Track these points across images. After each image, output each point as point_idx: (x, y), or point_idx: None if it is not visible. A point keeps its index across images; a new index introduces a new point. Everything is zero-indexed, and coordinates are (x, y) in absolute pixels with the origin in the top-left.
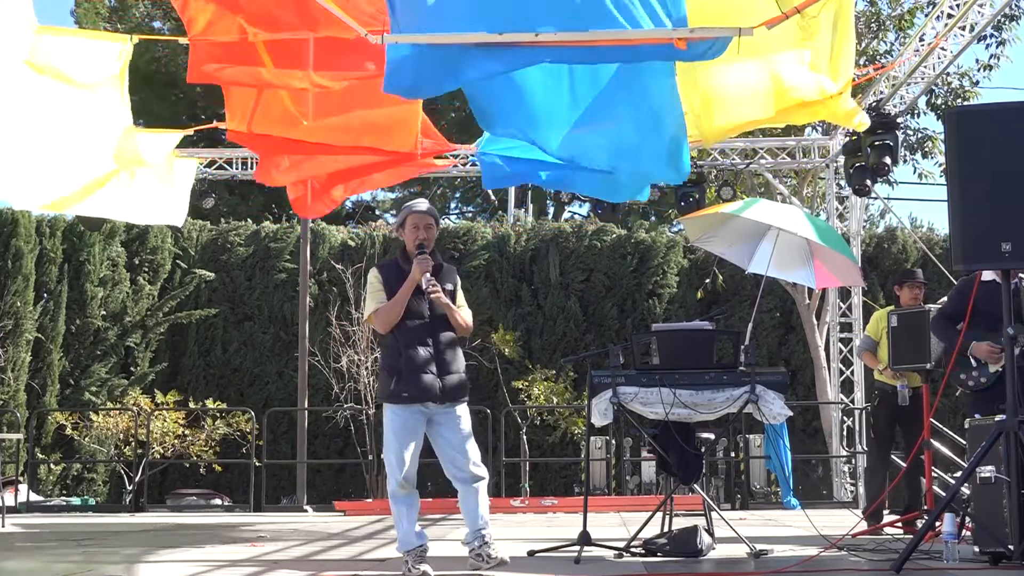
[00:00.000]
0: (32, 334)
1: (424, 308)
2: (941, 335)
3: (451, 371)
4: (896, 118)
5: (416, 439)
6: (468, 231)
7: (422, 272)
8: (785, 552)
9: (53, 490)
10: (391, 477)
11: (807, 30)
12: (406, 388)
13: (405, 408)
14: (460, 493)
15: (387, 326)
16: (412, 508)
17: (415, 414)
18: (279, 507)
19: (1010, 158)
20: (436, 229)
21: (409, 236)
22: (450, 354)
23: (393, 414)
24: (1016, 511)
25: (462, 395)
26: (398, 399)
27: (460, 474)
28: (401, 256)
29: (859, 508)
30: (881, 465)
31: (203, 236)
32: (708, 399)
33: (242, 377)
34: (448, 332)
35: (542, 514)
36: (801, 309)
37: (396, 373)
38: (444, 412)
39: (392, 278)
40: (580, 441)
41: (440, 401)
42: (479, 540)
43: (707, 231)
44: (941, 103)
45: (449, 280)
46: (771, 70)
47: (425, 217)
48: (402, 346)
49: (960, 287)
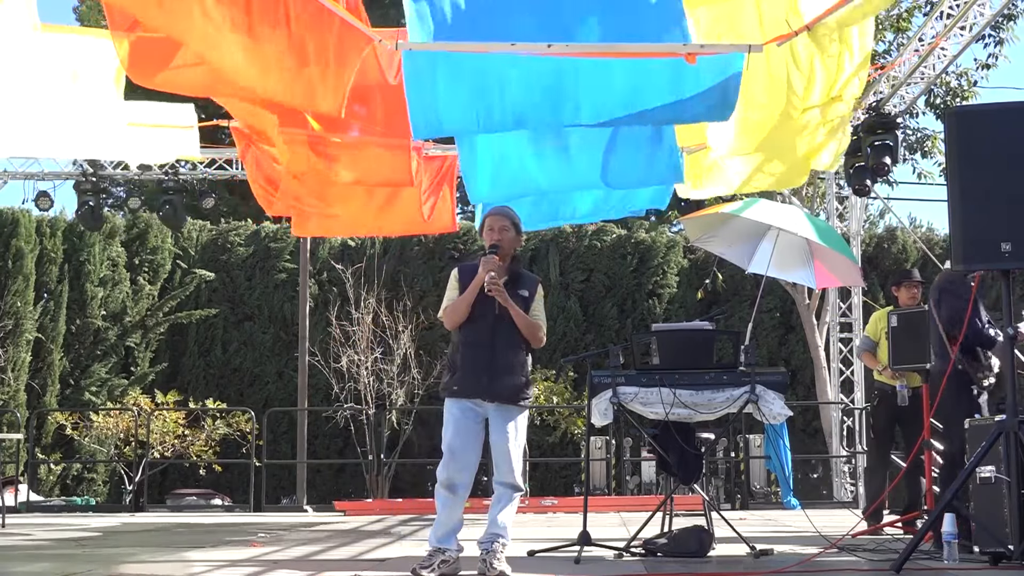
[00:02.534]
0: (32, 334)
1: (489, 309)
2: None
3: (506, 372)
4: (896, 118)
5: (467, 439)
6: (468, 231)
7: (486, 271)
8: (785, 552)
9: (53, 490)
10: (438, 472)
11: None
12: (457, 383)
13: (456, 402)
14: (495, 493)
15: (453, 324)
16: (446, 508)
17: (467, 411)
18: (279, 507)
19: (1010, 158)
20: (513, 231)
21: (486, 237)
22: (509, 355)
23: (447, 407)
24: (1016, 511)
25: (515, 398)
26: (449, 392)
27: (499, 478)
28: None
29: (859, 508)
30: (881, 465)
31: (203, 236)
32: (708, 399)
33: (242, 377)
34: (511, 334)
35: (542, 514)
36: (801, 309)
37: (453, 368)
38: (496, 413)
39: (468, 278)
40: (580, 441)
41: (490, 399)
42: (489, 544)
43: (707, 231)
44: (940, 103)
45: (526, 288)
46: None
47: (500, 219)
48: (463, 343)
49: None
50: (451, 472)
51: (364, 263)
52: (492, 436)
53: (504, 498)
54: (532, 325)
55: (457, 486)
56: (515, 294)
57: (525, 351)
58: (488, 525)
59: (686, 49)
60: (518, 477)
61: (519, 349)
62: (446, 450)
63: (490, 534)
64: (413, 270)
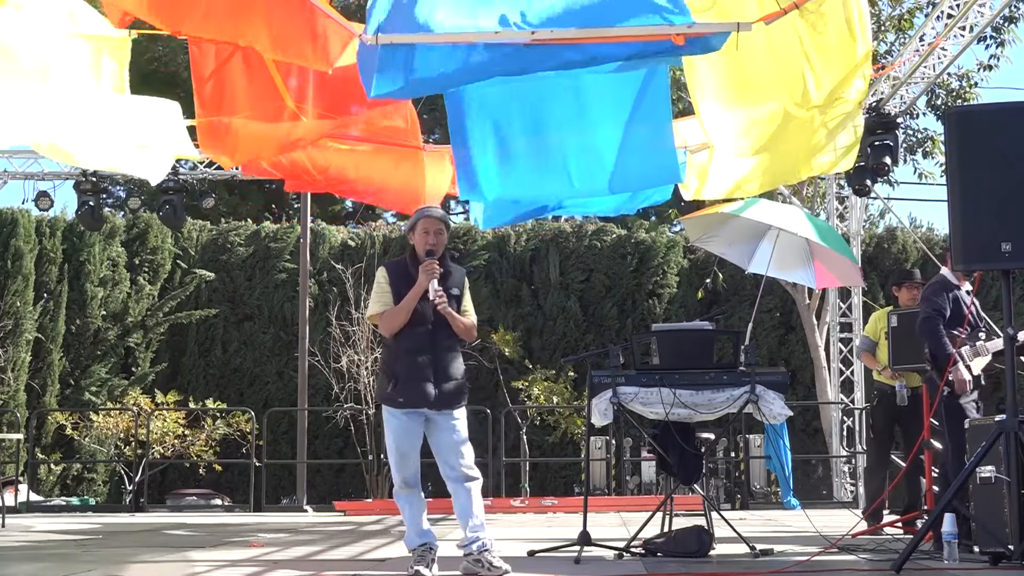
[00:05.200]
0: (32, 334)
1: (428, 314)
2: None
3: (449, 378)
4: (896, 118)
5: (414, 441)
6: (468, 231)
7: (428, 280)
8: (785, 552)
9: (53, 490)
10: (393, 476)
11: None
12: (402, 394)
13: (402, 412)
14: (452, 493)
15: (391, 331)
16: (414, 507)
17: (412, 417)
18: (279, 507)
19: (1010, 158)
20: (447, 234)
21: (419, 240)
22: (449, 360)
23: (391, 416)
24: (1016, 511)
25: (459, 401)
26: (394, 404)
27: (452, 473)
28: (411, 258)
29: (859, 508)
30: (880, 465)
31: (203, 236)
32: (708, 399)
33: (242, 377)
34: (449, 338)
35: (542, 514)
36: (801, 309)
37: (394, 378)
38: (441, 416)
39: (400, 280)
40: (580, 441)
41: (437, 407)
42: (479, 545)
43: (707, 231)
44: (941, 103)
45: (456, 284)
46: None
47: (436, 222)
48: (402, 351)
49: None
50: (405, 473)
51: (364, 263)
52: (440, 437)
53: (465, 491)
54: (468, 328)
55: (413, 483)
56: (448, 294)
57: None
58: (462, 524)
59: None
60: (473, 468)
61: (457, 351)
62: (396, 455)
63: (471, 536)
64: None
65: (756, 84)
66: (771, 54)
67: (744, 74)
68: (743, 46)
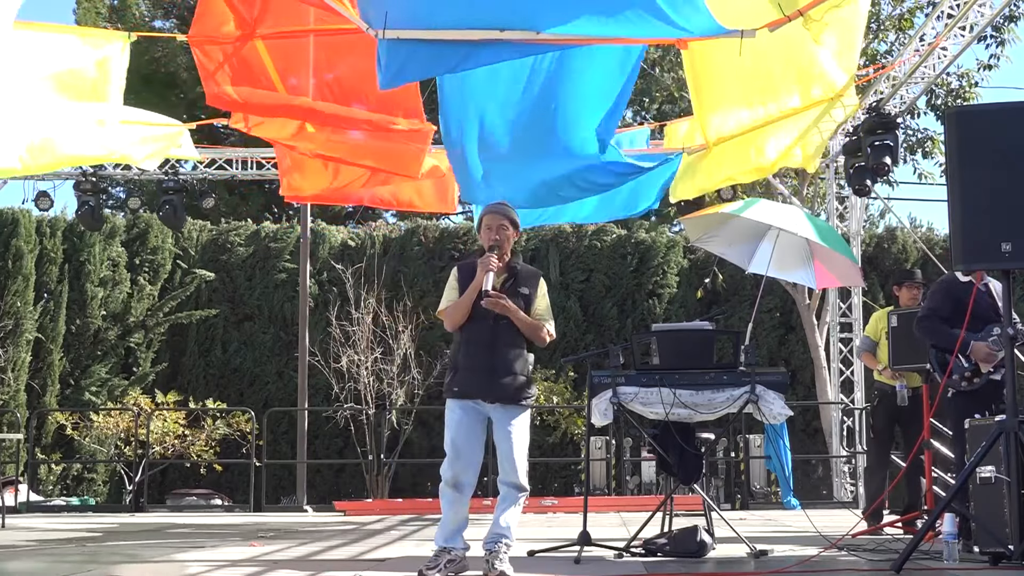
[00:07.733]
0: (32, 334)
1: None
2: (933, 335)
3: (507, 372)
4: (896, 118)
5: (469, 437)
6: (468, 231)
7: (484, 272)
8: (785, 552)
9: (53, 490)
10: (443, 471)
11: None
12: (458, 383)
13: (458, 403)
14: (500, 492)
15: (453, 325)
16: (451, 506)
17: (469, 412)
18: (279, 507)
19: (1010, 158)
20: (512, 230)
21: (483, 236)
22: (509, 355)
23: (449, 409)
24: (1016, 511)
25: (516, 398)
26: (450, 393)
27: (503, 478)
28: (479, 256)
29: (859, 508)
30: (881, 465)
31: (203, 236)
32: (708, 399)
33: (242, 377)
34: (512, 334)
35: (542, 514)
36: (801, 309)
37: (454, 369)
38: (498, 414)
39: (467, 278)
40: (580, 441)
41: (491, 400)
42: (493, 545)
43: (707, 231)
44: (941, 103)
45: (526, 285)
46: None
47: (498, 217)
48: (463, 342)
49: (946, 286)
50: (456, 470)
51: (364, 263)
52: (495, 436)
53: (509, 498)
54: (533, 326)
55: (462, 484)
56: (515, 292)
57: (526, 350)
58: (492, 525)
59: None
60: (522, 477)
61: (520, 348)
62: (450, 448)
63: (494, 535)
64: (413, 270)
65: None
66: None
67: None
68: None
